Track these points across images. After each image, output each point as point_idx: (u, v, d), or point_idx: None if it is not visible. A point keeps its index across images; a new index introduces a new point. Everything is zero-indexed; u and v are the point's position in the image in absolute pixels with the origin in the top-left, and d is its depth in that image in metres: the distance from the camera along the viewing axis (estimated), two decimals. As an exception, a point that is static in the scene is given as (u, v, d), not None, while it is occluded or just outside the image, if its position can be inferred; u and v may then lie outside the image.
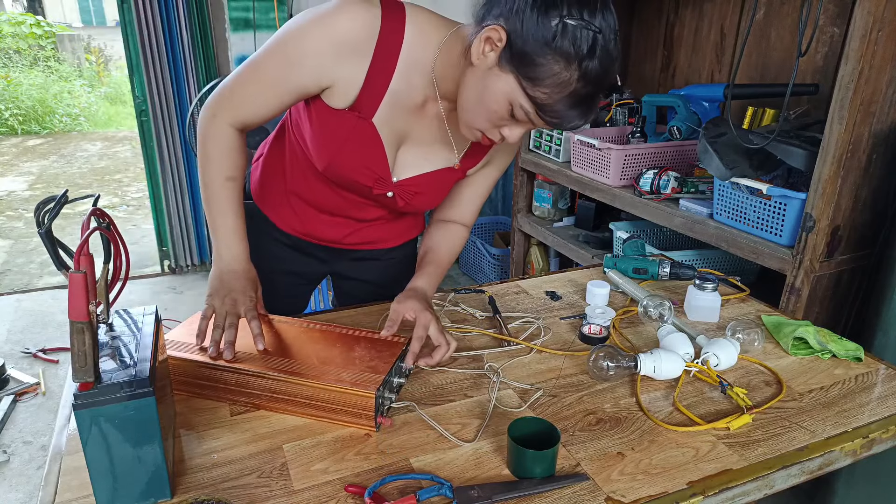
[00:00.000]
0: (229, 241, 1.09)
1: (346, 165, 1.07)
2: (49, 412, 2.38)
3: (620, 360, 1.01)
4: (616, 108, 2.59)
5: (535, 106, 0.88)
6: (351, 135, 1.03)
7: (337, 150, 1.05)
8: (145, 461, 0.73)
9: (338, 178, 1.10)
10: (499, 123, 0.94)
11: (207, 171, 1.08)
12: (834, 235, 1.56)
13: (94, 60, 10.40)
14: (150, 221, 3.91)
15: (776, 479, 0.83)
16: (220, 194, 1.08)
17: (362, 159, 1.06)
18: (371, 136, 1.04)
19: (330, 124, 1.03)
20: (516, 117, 0.92)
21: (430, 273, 1.17)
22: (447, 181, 1.15)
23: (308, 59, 0.96)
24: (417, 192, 1.12)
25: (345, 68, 0.97)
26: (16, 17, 10.29)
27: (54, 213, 0.74)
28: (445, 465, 0.83)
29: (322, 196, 1.18)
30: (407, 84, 1.01)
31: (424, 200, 1.15)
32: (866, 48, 1.37)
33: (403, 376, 1.00)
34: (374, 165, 1.07)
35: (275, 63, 0.98)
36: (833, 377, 1.05)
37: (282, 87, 0.99)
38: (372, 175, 1.08)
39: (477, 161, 1.15)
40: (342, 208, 1.20)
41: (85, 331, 0.67)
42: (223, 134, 1.06)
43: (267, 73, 0.99)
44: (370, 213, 1.22)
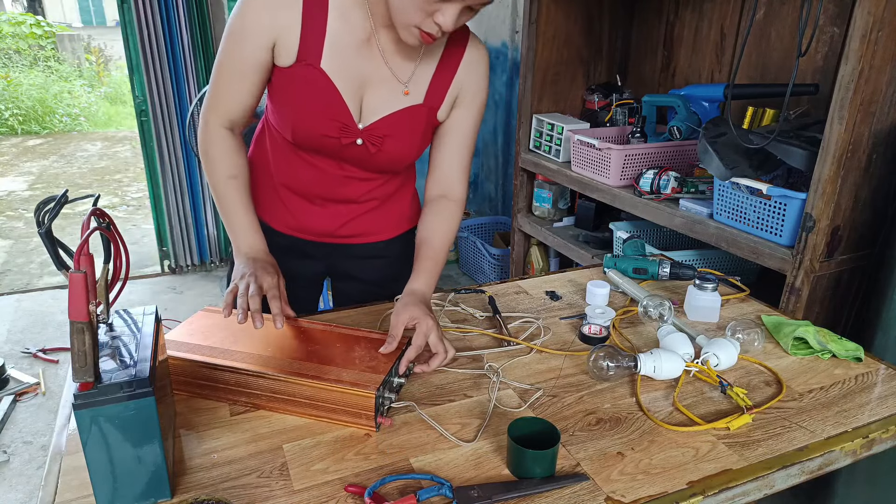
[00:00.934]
0: (245, 235, 1.14)
1: (308, 120, 1.09)
2: (49, 412, 2.38)
3: (620, 360, 1.01)
4: (616, 108, 2.59)
5: None
6: (305, 87, 1.06)
7: (296, 107, 1.08)
8: (145, 461, 0.73)
9: (306, 138, 1.12)
10: (428, 9, 0.94)
11: (211, 174, 1.15)
12: (834, 235, 1.56)
13: (94, 60, 10.40)
14: (150, 221, 3.92)
15: (776, 479, 0.83)
16: (227, 193, 1.14)
17: (321, 108, 1.08)
18: (324, 83, 1.06)
19: (285, 84, 1.08)
20: None
21: (428, 270, 1.14)
22: (415, 121, 1.14)
23: (248, 28, 1.03)
24: (386, 135, 1.12)
25: (280, 19, 1.02)
26: (16, 17, 10.29)
27: (54, 213, 0.74)
28: (445, 465, 0.83)
29: (305, 176, 1.19)
30: (344, 21, 1.04)
31: (396, 144, 1.14)
32: (866, 48, 1.37)
33: (403, 376, 1.00)
34: (335, 114, 1.08)
35: (229, 50, 1.06)
36: (833, 377, 1.05)
37: (242, 67, 1.06)
38: (336, 124, 1.09)
39: (442, 95, 1.14)
40: (327, 186, 1.20)
41: (85, 331, 0.67)
42: (217, 136, 1.13)
43: (227, 62, 1.07)
44: (356, 188, 1.21)
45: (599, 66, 2.78)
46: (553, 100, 2.73)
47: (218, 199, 1.15)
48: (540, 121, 2.62)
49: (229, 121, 1.12)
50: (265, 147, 1.23)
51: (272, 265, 1.11)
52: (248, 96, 1.10)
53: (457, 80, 1.14)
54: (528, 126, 2.69)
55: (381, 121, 1.11)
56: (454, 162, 1.21)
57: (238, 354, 0.96)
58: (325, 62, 1.05)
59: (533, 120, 2.66)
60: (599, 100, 2.70)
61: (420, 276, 1.13)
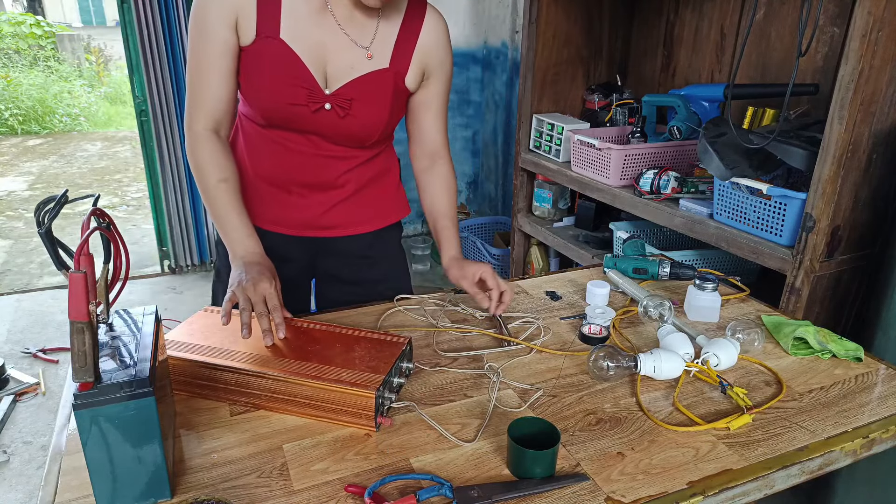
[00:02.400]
0: (239, 237, 1.13)
1: (275, 92, 1.10)
2: (49, 412, 2.38)
3: (620, 360, 1.01)
4: (616, 108, 2.59)
5: None
6: (268, 60, 1.08)
7: (262, 82, 1.10)
8: (145, 461, 0.73)
9: (276, 111, 1.13)
10: None
11: (201, 179, 1.14)
12: (834, 235, 1.56)
13: (94, 60, 10.40)
14: (150, 221, 3.92)
15: (776, 479, 0.83)
16: (218, 197, 1.13)
17: (286, 78, 1.09)
18: (285, 52, 1.08)
19: (250, 63, 1.09)
20: None
21: (453, 236, 1.27)
22: (382, 84, 1.16)
23: (210, 12, 1.06)
24: (353, 98, 1.14)
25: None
26: (16, 17, 10.29)
27: (54, 213, 0.74)
28: (445, 465, 0.83)
29: (279, 160, 1.19)
30: None
31: (365, 109, 1.15)
32: (866, 48, 1.37)
33: (403, 376, 1.00)
34: (299, 81, 1.10)
35: (195, 43, 1.08)
36: (833, 377, 1.05)
37: (212, 56, 1.08)
38: (302, 91, 1.10)
39: (407, 60, 1.17)
40: (302, 168, 1.20)
41: (85, 331, 0.67)
42: (202, 140, 1.13)
43: (196, 57, 1.09)
44: (332, 168, 1.21)
45: (599, 66, 2.78)
46: (553, 100, 2.73)
47: (209, 204, 1.14)
48: (540, 121, 2.62)
49: (214, 121, 1.13)
50: (239, 144, 1.24)
51: (269, 269, 1.10)
52: (226, 87, 1.11)
53: (420, 46, 1.18)
54: (528, 126, 2.69)
55: (347, 85, 1.13)
56: (436, 129, 1.29)
57: (238, 354, 0.96)
58: (283, 33, 1.08)
59: (533, 120, 2.66)
60: (599, 100, 2.70)
61: (450, 243, 1.26)
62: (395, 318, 1.24)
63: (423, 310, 1.27)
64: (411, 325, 1.21)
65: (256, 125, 1.18)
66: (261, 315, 1.00)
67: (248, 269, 1.07)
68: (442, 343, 1.14)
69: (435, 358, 1.09)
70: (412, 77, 1.19)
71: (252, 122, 1.19)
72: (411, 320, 1.23)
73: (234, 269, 1.10)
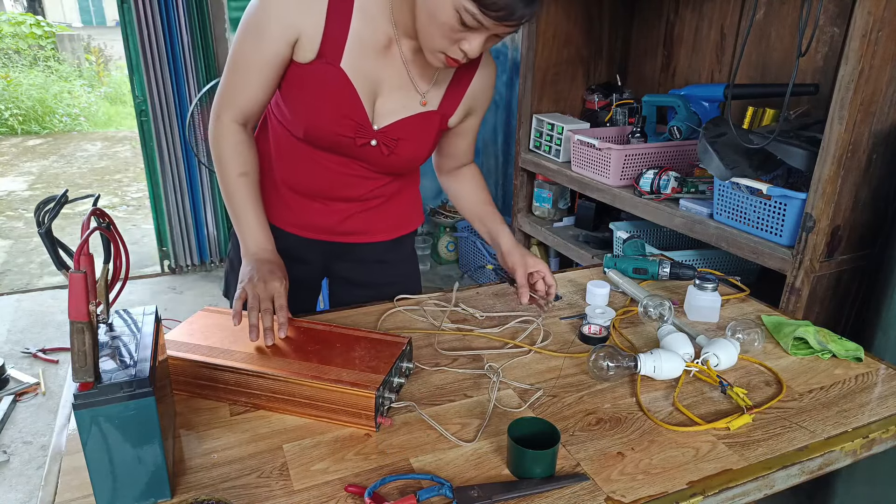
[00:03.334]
0: (253, 232, 1.13)
1: (323, 118, 1.09)
2: (49, 412, 2.38)
3: (620, 360, 1.01)
4: (616, 108, 2.59)
5: (477, 4, 0.91)
6: (323, 84, 1.07)
7: (312, 104, 1.08)
8: (145, 461, 0.73)
9: (319, 136, 1.12)
10: (454, 37, 0.97)
11: (221, 170, 1.14)
12: (834, 235, 1.56)
13: (94, 60, 10.40)
14: (150, 221, 3.92)
15: (776, 479, 0.83)
16: (237, 190, 1.13)
17: (338, 107, 1.08)
18: (342, 82, 1.07)
19: (301, 80, 1.07)
20: (467, 25, 0.94)
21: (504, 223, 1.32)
22: (428, 126, 1.17)
23: (273, 23, 1.02)
24: (400, 138, 1.14)
25: (306, 16, 1.02)
26: (16, 17, 10.29)
27: (54, 213, 0.74)
28: (445, 465, 0.83)
29: (309, 173, 1.19)
30: (367, 24, 1.05)
31: (409, 147, 1.16)
32: (866, 48, 1.37)
33: (403, 376, 1.00)
34: (351, 113, 1.09)
35: (247, 43, 1.05)
36: (833, 377, 1.05)
37: (260, 62, 1.05)
38: (351, 124, 1.10)
39: (455, 104, 1.18)
40: (331, 184, 1.20)
41: (85, 331, 0.67)
42: (228, 131, 1.12)
43: (244, 56, 1.06)
44: (360, 186, 1.22)
45: (599, 66, 2.78)
46: (553, 100, 2.73)
47: (227, 196, 1.14)
48: (540, 121, 2.62)
49: (243, 116, 1.12)
50: (268, 143, 1.22)
51: (279, 266, 1.10)
52: (265, 92, 1.09)
53: (470, 91, 1.19)
54: (528, 126, 2.69)
55: (396, 124, 1.13)
56: (468, 150, 1.35)
57: (238, 354, 0.96)
58: (345, 62, 1.06)
59: (533, 120, 2.66)
60: (599, 100, 2.70)
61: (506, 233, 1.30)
62: (395, 319, 1.24)
63: (423, 310, 1.27)
64: (411, 326, 1.21)
65: (291, 135, 1.16)
66: (265, 311, 1.01)
67: (259, 266, 1.08)
68: (442, 343, 1.14)
69: (435, 358, 1.09)
70: (456, 118, 1.21)
71: (286, 130, 1.17)
72: (411, 320, 1.23)
73: (244, 265, 1.11)
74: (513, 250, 1.26)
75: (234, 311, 1.03)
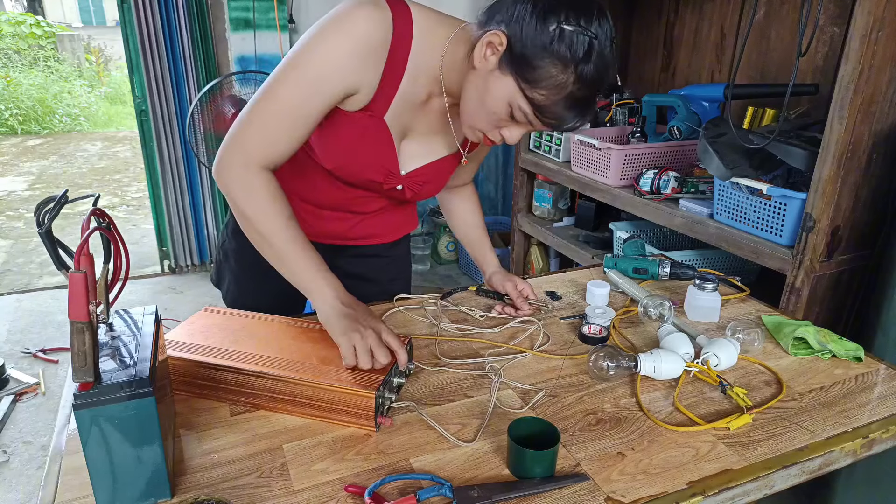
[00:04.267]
0: (326, 277, 1.01)
1: (357, 164, 1.09)
2: (49, 412, 2.38)
3: (620, 360, 1.01)
4: (616, 108, 2.59)
5: (533, 107, 0.91)
6: (364, 135, 1.05)
7: (350, 151, 1.07)
8: (145, 461, 0.73)
9: (349, 176, 1.12)
10: (499, 125, 0.97)
11: (265, 223, 0.99)
12: (834, 235, 1.56)
13: (94, 60, 10.40)
14: (150, 221, 3.92)
15: (776, 479, 0.83)
16: (292, 237, 1.00)
17: (375, 157, 1.08)
18: (383, 134, 1.06)
19: (344, 127, 1.04)
20: (516, 119, 0.94)
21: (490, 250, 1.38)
22: (450, 168, 1.19)
23: (336, 75, 0.95)
24: (425, 182, 1.16)
25: (367, 73, 0.97)
26: (16, 17, 10.29)
27: (54, 213, 0.74)
28: (445, 465, 0.83)
29: (325, 194, 1.19)
30: (414, 83, 1.03)
31: (431, 189, 1.19)
32: (866, 48, 1.37)
33: (403, 376, 1.00)
34: (385, 161, 1.09)
35: (299, 90, 0.95)
36: (833, 377, 1.05)
37: (313, 113, 0.97)
38: (383, 171, 1.10)
39: (475, 147, 1.21)
40: (345, 204, 1.21)
41: (85, 331, 0.67)
42: (262, 182, 0.99)
43: (293, 103, 0.96)
44: (373, 205, 1.24)
45: (599, 66, 2.78)
46: (553, 100, 2.73)
47: (280, 247, 0.99)
48: (540, 121, 2.61)
49: (274, 163, 1.01)
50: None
51: (365, 307, 1.02)
52: (302, 141, 1.01)
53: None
54: (528, 126, 2.69)
55: (422, 169, 1.14)
56: (471, 173, 1.38)
57: (238, 354, 0.96)
58: (389, 115, 1.04)
59: (533, 120, 2.66)
60: (599, 100, 2.70)
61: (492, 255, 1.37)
62: (395, 319, 1.24)
63: (424, 310, 1.27)
64: (411, 326, 1.21)
65: (315, 161, 1.13)
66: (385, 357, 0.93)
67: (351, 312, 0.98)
68: (442, 343, 1.14)
69: (435, 358, 1.09)
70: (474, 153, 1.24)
71: (309, 157, 1.13)
72: (411, 320, 1.23)
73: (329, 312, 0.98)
74: (498, 271, 1.33)
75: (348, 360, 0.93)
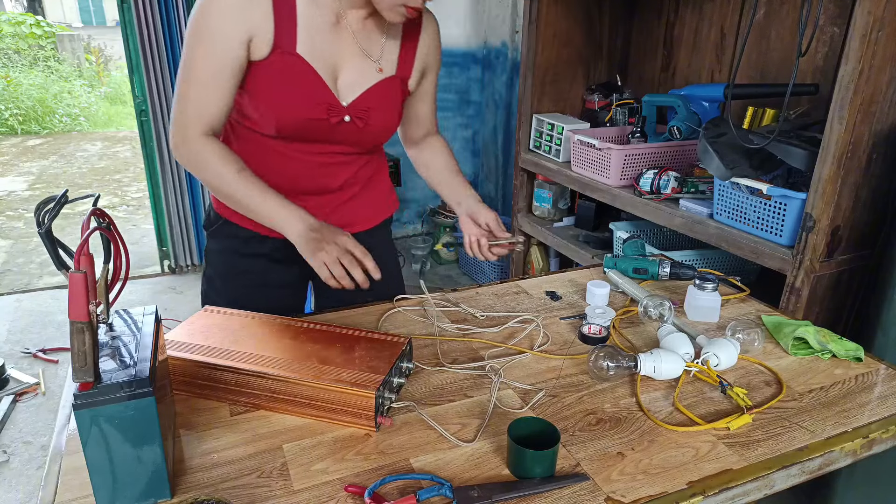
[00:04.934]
0: (288, 207, 1.09)
1: (293, 107, 1.10)
2: (49, 412, 2.38)
3: (620, 360, 1.01)
4: (616, 108, 2.59)
5: None
6: (285, 75, 1.08)
7: (279, 97, 1.09)
8: (145, 461, 0.73)
9: (293, 126, 1.12)
10: None
11: (219, 180, 1.09)
12: (834, 235, 1.56)
13: (94, 60, 10.39)
14: (150, 221, 3.92)
15: (776, 479, 0.83)
16: (247, 184, 1.08)
17: (305, 93, 1.09)
18: (303, 67, 1.08)
19: (262, 77, 1.08)
20: None
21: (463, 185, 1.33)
22: (392, 92, 1.20)
23: (223, 26, 1.03)
24: (370, 108, 1.16)
25: (253, 12, 1.03)
26: (16, 16, 10.28)
27: (54, 213, 0.74)
28: (445, 465, 0.83)
29: (284, 172, 1.18)
30: (313, 5, 1.07)
31: (380, 116, 1.19)
32: (866, 48, 1.37)
33: (403, 376, 1.00)
34: (318, 95, 1.10)
35: (200, 53, 1.04)
36: (833, 377, 1.05)
37: (218, 69, 1.05)
38: (322, 106, 1.11)
39: (410, 66, 1.21)
40: (309, 177, 1.20)
41: (85, 331, 0.67)
42: (204, 145, 1.08)
43: (199, 67, 1.05)
44: (336, 175, 1.22)
45: (599, 66, 2.78)
46: (553, 100, 2.73)
47: (237, 196, 1.09)
48: (540, 121, 2.62)
49: (211, 129, 1.09)
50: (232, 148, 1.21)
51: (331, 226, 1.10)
52: (228, 99, 1.08)
53: (420, 50, 1.22)
54: (528, 126, 2.69)
55: (362, 96, 1.15)
56: (429, 114, 1.36)
57: (238, 354, 0.96)
58: (300, 47, 1.07)
59: (533, 120, 2.66)
60: (599, 100, 2.70)
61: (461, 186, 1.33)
62: (395, 319, 1.24)
63: (424, 310, 1.27)
64: (411, 326, 1.21)
65: (258, 135, 1.16)
66: (351, 265, 1.04)
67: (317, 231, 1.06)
68: (442, 343, 1.14)
69: (435, 358, 1.09)
70: (414, 80, 1.24)
71: (253, 132, 1.17)
72: (412, 320, 1.23)
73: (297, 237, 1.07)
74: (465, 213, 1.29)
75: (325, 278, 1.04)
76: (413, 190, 4.15)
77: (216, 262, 1.31)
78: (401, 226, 4.24)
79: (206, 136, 1.09)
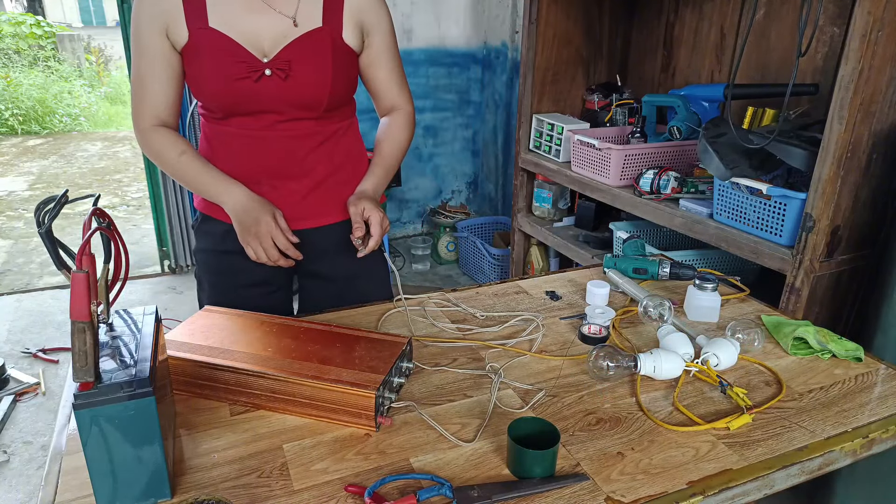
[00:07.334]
0: (222, 186, 1.19)
1: (216, 72, 1.14)
2: (49, 412, 2.38)
3: (620, 360, 1.01)
4: (616, 108, 2.59)
5: None
6: (205, 50, 1.14)
7: (202, 69, 1.15)
8: (145, 461, 0.73)
9: (224, 91, 1.16)
10: None
11: (162, 162, 1.20)
12: (834, 235, 1.56)
13: (94, 60, 10.39)
14: (150, 221, 3.92)
15: (776, 479, 0.83)
16: (183, 165, 1.19)
17: (225, 59, 1.14)
18: (218, 38, 1.13)
19: (190, 59, 1.15)
20: None
21: (377, 175, 1.29)
22: (319, 44, 1.18)
23: (143, 23, 1.13)
24: (290, 60, 1.16)
25: (164, 2, 1.12)
26: (16, 17, 10.28)
27: (54, 213, 0.74)
28: (445, 465, 0.83)
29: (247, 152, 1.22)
30: None
31: (306, 69, 1.17)
32: (866, 48, 1.37)
33: (403, 376, 1.00)
34: (238, 58, 1.14)
35: (135, 53, 1.16)
36: (833, 377, 1.05)
37: (151, 67, 1.15)
38: (242, 66, 1.14)
39: (338, 19, 1.20)
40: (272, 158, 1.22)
41: (86, 330, 0.67)
42: (151, 132, 1.19)
43: (137, 68, 1.16)
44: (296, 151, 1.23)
45: (599, 66, 2.78)
46: (553, 100, 2.73)
47: (179, 178, 1.21)
48: (540, 121, 2.62)
49: (159, 119, 1.19)
50: (203, 150, 1.27)
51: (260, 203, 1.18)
52: (168, 91, 1.17)
53: (348, 3, 1.20)
54: (528, 126, 2.69)
55: (283, 50, 1.16)
56: (390, 83, 1.31)
57: (238, 354, 0.96)
58: (212, 21, 1.13)
59: (533, 120, 2.66)
60: (599, 100, 2.70)
61: (369, 179, 1.29)
62: (395, 319, 1.24)
63: (424, 310, 1.27)
64: (411, 325, 1.21)
65: (215, 121, 1.22)
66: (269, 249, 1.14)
67: (245, 214, 1.16)
68: (442, 343, 1.14)
69: (435, 358, 1.09)
70: (349, 34, 1.21)
71: (211, 121, 1.23)
72: (411, 320, 1.23)
73: (234, 224, 1.18)
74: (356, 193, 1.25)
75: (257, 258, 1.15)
76: (413, 190, 4.15)
77: (200, 262, 1.34)
78: (401, 226, 4.24)
79: (154, 127, 1.19)
